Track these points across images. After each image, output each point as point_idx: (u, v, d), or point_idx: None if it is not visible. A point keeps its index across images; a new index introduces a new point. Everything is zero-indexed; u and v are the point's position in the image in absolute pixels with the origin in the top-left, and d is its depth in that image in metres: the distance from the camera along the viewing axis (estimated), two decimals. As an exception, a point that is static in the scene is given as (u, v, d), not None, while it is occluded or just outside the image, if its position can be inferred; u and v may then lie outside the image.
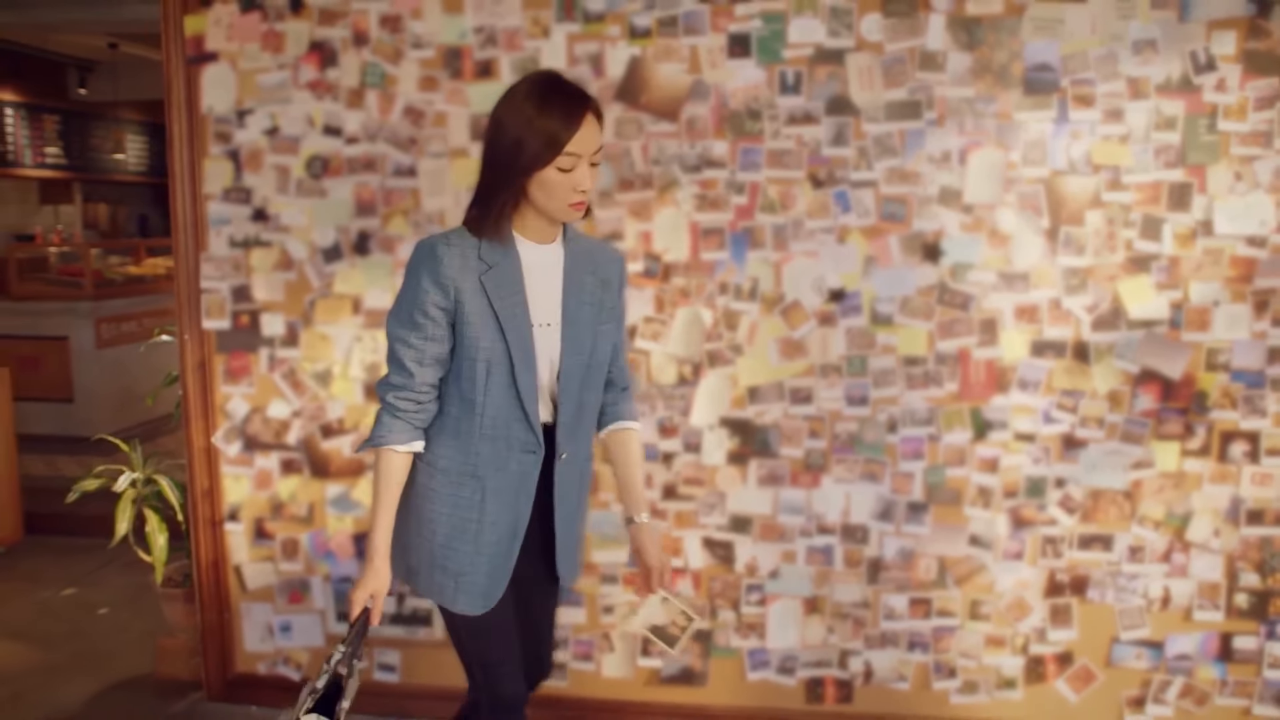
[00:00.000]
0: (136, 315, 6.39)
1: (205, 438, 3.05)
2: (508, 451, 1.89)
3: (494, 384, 1.85)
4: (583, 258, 1.96)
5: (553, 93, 1.79)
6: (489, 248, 1.85)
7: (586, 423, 2.01)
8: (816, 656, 2.93)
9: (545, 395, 1.91)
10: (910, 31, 2.70)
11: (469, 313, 1.83)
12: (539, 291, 1.89)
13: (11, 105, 8.37)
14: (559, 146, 1.75)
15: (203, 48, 2.92)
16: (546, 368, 1.90)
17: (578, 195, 1.80)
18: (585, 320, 1.92)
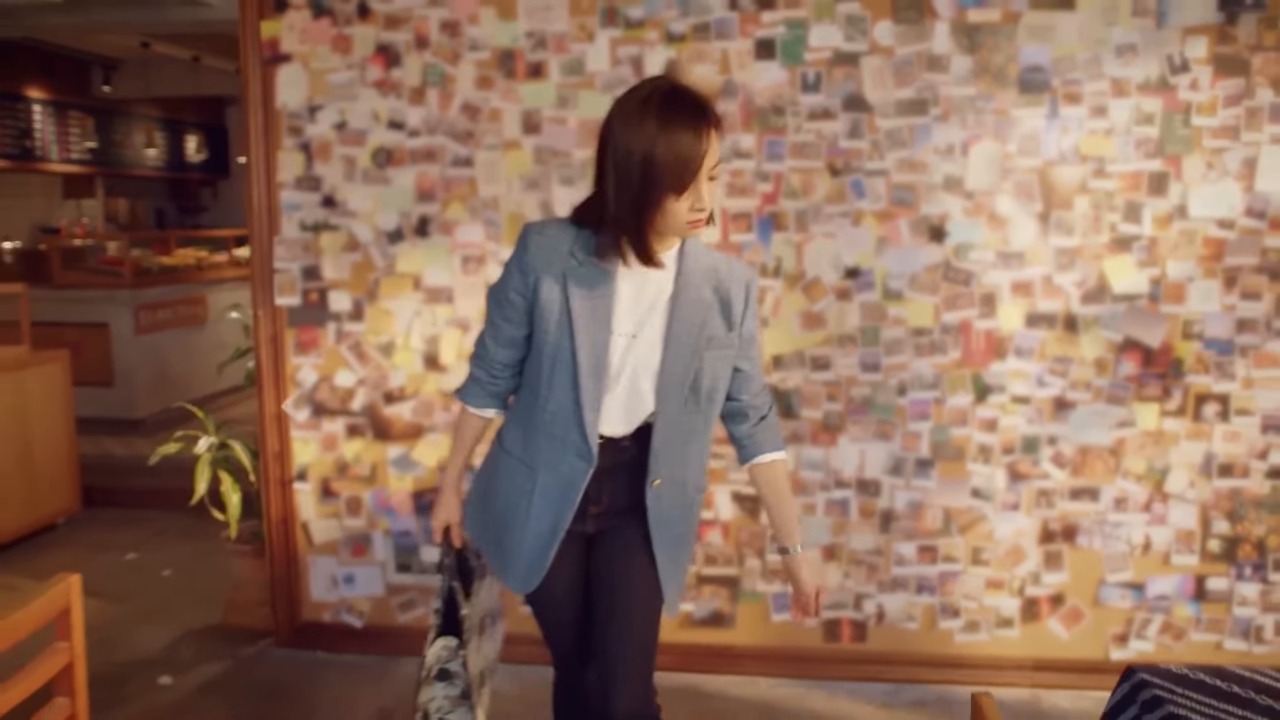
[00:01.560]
0: (171, 303, 6.68)
1: (276, 404, 3.36)
2: (562, 453, 1.84)
3: (557, 382, 1.81)
4: (700, 274, 1.83)
5: (676, 112, 1.65)
6: (584, 242, 1.78)
7: (694, 452, 1.92)
8: (834, 599, 3.25)
9: (622, 408, 1.83)
10: (918, 37, 3.02)
11: (543, 304, 1.80)
12: (632, 300, 1.80)
13: (40, 102, 8.64)
14: (690, 177, 1.65)
15: (278, 50, 3.22)
16: (627, 380, 1.82)
17: (698, 215, 1.70)
18: (687, 340, 1.80)
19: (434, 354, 3.27)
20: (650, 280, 1.81)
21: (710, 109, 1.69)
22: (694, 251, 1.84)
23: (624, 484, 1.90)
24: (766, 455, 2.00)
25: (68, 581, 1.80)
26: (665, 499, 1.90)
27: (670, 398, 1.82)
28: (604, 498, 1.91)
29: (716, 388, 1.88)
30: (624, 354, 1.80)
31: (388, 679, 3.30)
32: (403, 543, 3.38)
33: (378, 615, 3.43)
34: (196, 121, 11.09)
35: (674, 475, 1.90)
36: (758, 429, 1.98)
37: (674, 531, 1.94)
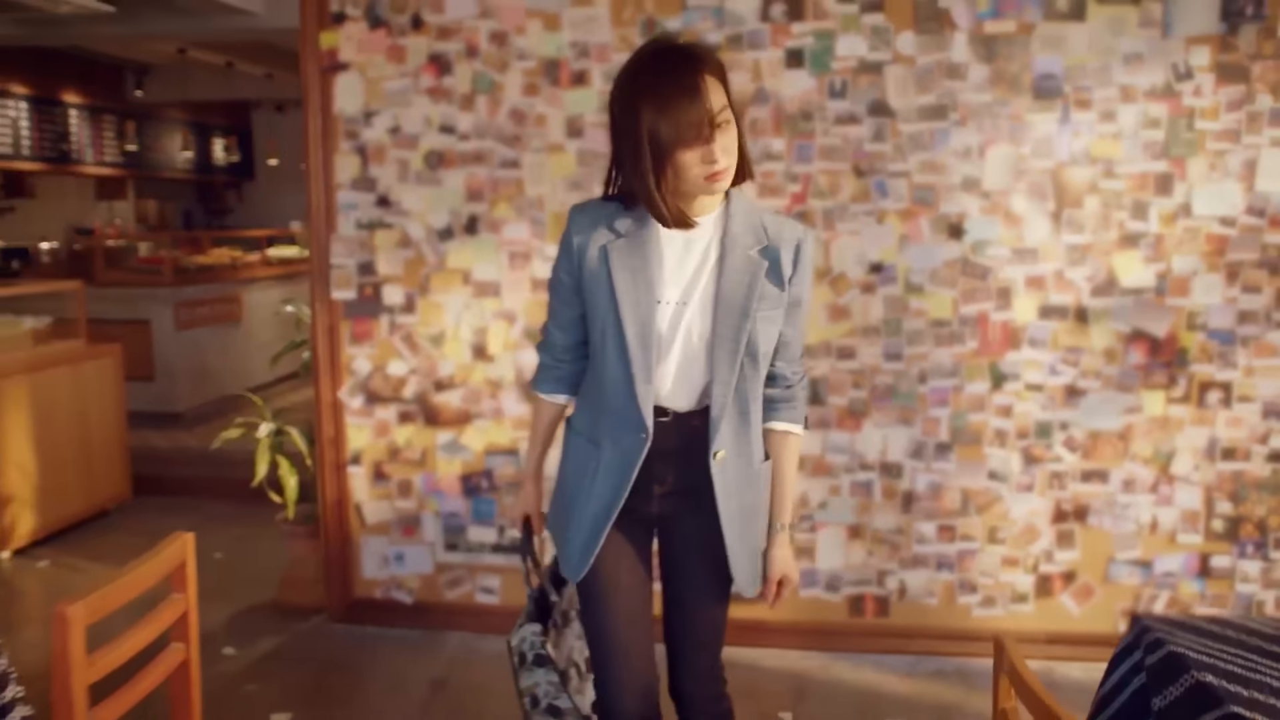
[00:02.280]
0: (209, 301, 6.91)
1: (332, 392, 3.57)
2: (623, 427, 1.82)
3: (609, 355, 1.80)
4: (747, 233, 1.80)
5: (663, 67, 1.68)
6: (626, 219, 1.80)
7: (754, 420, 1.87)
8: (858, 576, 3.44)
9: (680, 379, 1.82)
10: (938, 47, 3.22)
11: (587, 279, 1.81)
12: (676, 267, 1.79)
13: (75, 107, 8.89)
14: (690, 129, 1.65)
15: (336, 59, 3.44)
16: (680, 349, 1.80)
17: (710, 167, 1.68)
18: (738, 302, 1.76)
19: (482, 345, 3.48)
20: (695, 245, 1.79)
21: (699, 57, 1.68)
22: (741, 210, 1.81)
23: (690, 462, 1.84)
24: (779, 424, 1.93)
25: (183, 539, 2.01)
26: (730, 472, 1.85)
27: (724, 362, 1.77)
28: (669, 476, 1.87)
29: (768, 350, 1.83)
30: (673, 321, 1.78)
31: (437, 651, 3.50)
32: (451, 523, 3.58)
33: (426, 592, 3.64)
34: (223, 125, 11.34)
35: (737, 446, 1.84)
36: (779, 394, 1.91)
37: (742, 506, 1.87)
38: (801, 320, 1.90)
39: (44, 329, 4.77)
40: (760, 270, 1.78)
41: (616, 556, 1.92)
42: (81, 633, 1.67)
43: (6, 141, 8.11)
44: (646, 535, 1.98)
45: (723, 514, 1.85)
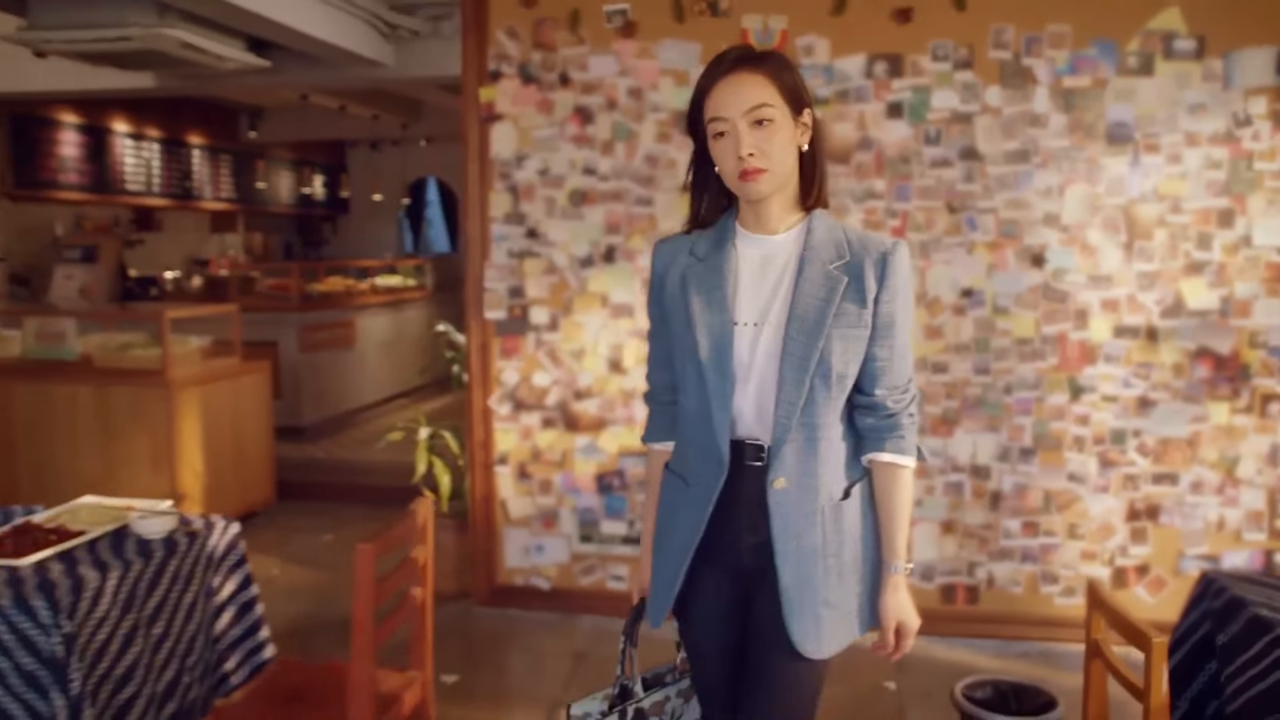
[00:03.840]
0: (329, 326, 7.51)
1: (483, 400, 4.08)
2: (703, 459, 1.74)
3: (689, 383, 1.75)
4: (827, 247, 1.70)
5: (710, 61, 1.71)
6: (703, 242, 1.77)
7: (827, 450, 1.72)
8: (950, 567, 3.86)
9: (761, 406, 1.72)
10: (1022, 99, 3.67)
11: (668, 307, 1.79)
12: (753, 287, 1.73)
13: (198, 147, 9.63)
14: (699, 110, 1.69)
15: (493, 111, 3.98)
16: (759, 375, 1.71)
17: (741, 163, 1.64)
18: (813, 320, 1.66)
19: (617, 359, 3.97)
20: (772, 264, 1.73)
21: (745, 53, 1.69)
22: (821, 226, 1.73)
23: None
24: (882, 455, 1.76)
25: (426, 501, 2.51)
26: (791, 504, 1.70)
27: (789, 381, 1.66)
28: (759, 525, 1.73)
29: (848, 372, 1.70)
30: (752, 346, 1.70)
31: (574, 630, 3.97)
32: (585, 517, 4.06)
33: (562, 579, 4.11)
34: (322, 162, 12.07)
35: (800, 476, 1.70)
36: (880, 423, 1.74)
37: (803, 546, 1.71)
38: (898, 341, 1.73)
39: (207, 347, 5.35)
40: (839, 285, 1.68)
41: (705, 618, 1.85)
42: (374, 562, 2.18)
43: (140, 180, 8.84)
44: (739, 591, 1.82)
45: (778, 552, 1.70)
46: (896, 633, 1.79)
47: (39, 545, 2.39)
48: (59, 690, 2.10)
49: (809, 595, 1.72)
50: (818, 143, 1.74)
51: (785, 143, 1.66)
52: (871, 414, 1.75)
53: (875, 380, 1.73)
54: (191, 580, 2.55)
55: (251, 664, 2.74)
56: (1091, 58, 3.63)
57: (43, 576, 2.23)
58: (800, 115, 1.69)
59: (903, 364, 1.76)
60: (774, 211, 1.73)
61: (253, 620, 2.77)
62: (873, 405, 1.75)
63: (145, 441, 4.87)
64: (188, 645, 2.52)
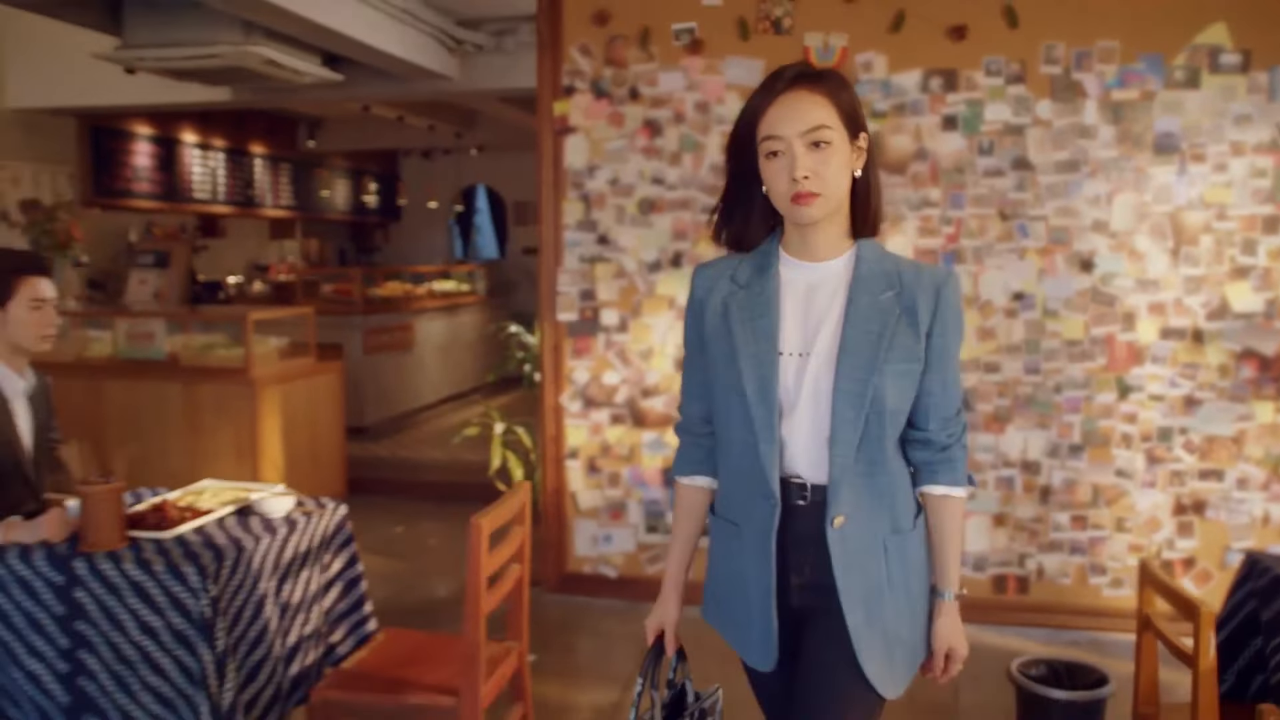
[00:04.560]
0: (390, 329, 7.79)
1: (555, 398, 4.31)
2: (753, 499, 1.67)
3: (733, 417, 1.68)
4: (877, 279, 1.66)
5: (766, 78, 1.64)
6: (746, 267, 1.71)
7: (886, 485, 1.68)
8: (1001, 558, 4.04)
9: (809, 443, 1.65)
10: (1072, 112, 3.85)
11: (708, 335, 1.71)
12: (799, 316, 1.67)
13: (259, 157, 9.97)
14: (753, 127, 1.62)
15: (566, 124, 4.21)
16: (806, 407, 1.64)
17: (795, 185, 1.57)
18: (865, 354, 1.61)
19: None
20: (819, 292, 1.67)
21: (803, 70, 1.62)
22: (872, 255, 1.68)
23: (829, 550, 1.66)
24: (937, 488, 1.74)
25: (524, 486, 2.73)
26: (852, 543, 1.65)
27: (845, 417, 1.61)
28: (806, 567, 1.69)
29: (901, 406, 1.66)
30: (797, 376, 1.64)
31: (640, 617, 4.10)
32: (651, 509, 4.28)
33: (629, 568, 4.33)
34: (375, 170, 12.39)
35: (860, 512, 1.65)
36: (936, 457, 1.73)
37: (868, 583, 1.66)
38: (951, 374, 1.71)
39: (284, 348, 5.63)
40: (891, 318, 1.63)
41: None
42: (486, 537, 2.40)
43: (206, 188, 9.17)
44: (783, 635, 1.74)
45: (842, 591, 1.65)
46: (946, 657, 1.77)
47: (174, 521, 2.64)
48: (206, 646, 2.35)
49: (879, 634, 1.68)
50: (872, 168, 1.68)
51: (841, 166, 1.61)
52: (925, 449, 1.73)
53: (928, 415, 1.71)
54: (308, 555, 2.79)
55: (357, 635, 2.98)
56: (1139, 72, 3.80)
57: (186, 547, 2.48)
58: (856, 139, 1.64)
59: (954, 394, 1.73)
60: (823, 238, 1.67)
61: (358, 595, 3.01)
62: (926, 440, 1.72)
63: (229, 436, 5.15)
64: (305, 614, 2.76)
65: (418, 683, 2.53)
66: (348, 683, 2.53)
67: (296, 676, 2.71)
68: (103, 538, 2.47)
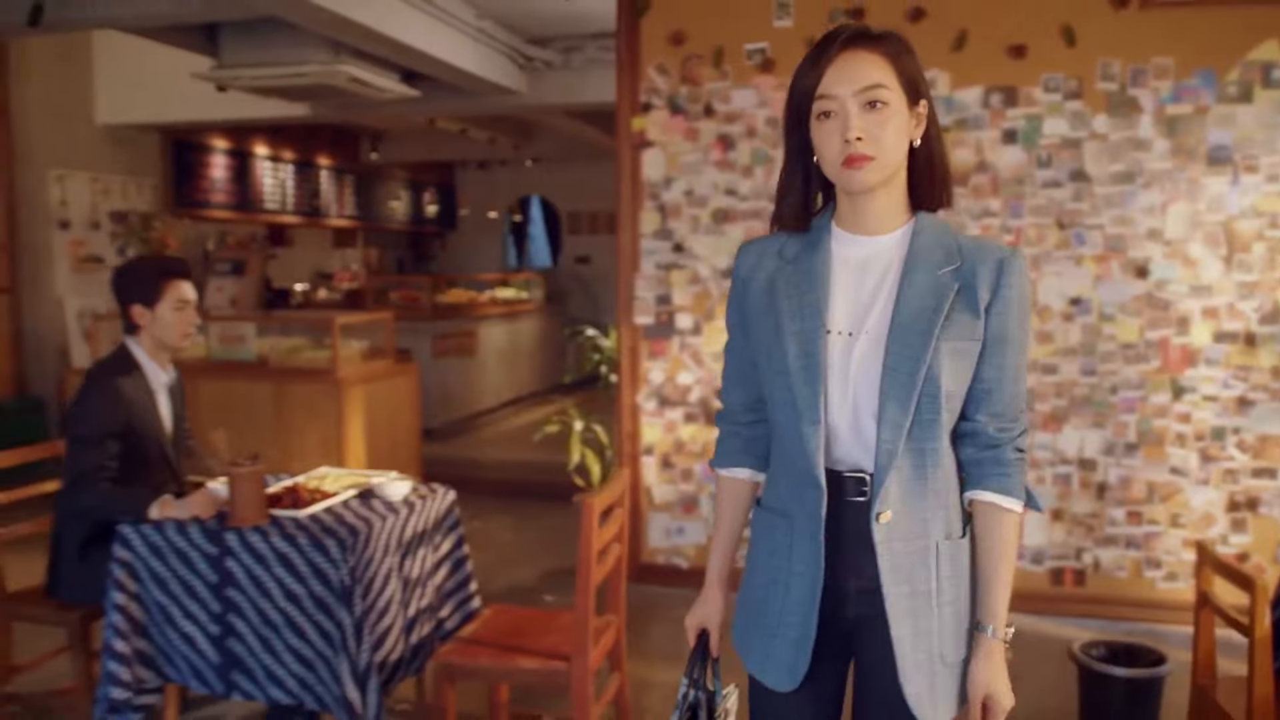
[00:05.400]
0: (455, 335, 8.09)
1: (632, 397, 4.56)
2: (799, 485, 1.55)
3: (778, 398, 1.56)
4: (934, 253, 1.52)
5: (821, 39, 1.52)
6: (794, 242, 1.60)
7: (940, 479, 1.53)
8: (1059, 552, 4.23)
9: (857, 427, 1.52)
10: (1127, 126, 4.05)
11: (750, 313, 1.62)
12: (850, 292, 1.54)
13: (325, 169, 10.34)
14: (808, 89, 1.50)
15: (644, 138, 4.47)
16: (848, 389, 1.51)
17: (848, 147, 1.45)
18: (918, 331, 1.48)
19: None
20: (871, 267, 1.54)
21: (858, 30, 1.51)
22: (930, 229, 1.55)
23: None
24: (985, 494, 1.54)
25: (624, 475, 2.98)
26: (899, 543, 1.51)
27: (894, 399, 1.47)
28: (866, 567, 1.53)
29: (958, 391, 1.51)
30: (844, 356, 1.51)
31: (711, 603, 4.41)
32: (721, 502, 4.50)
33: (700, 559, 4.56)
34: (432, 181, 12.76)
35: (909, 508, 1.51)
36: (984, 455, 1.54)
37: (915, 591, 1.52)
38: (1010, 362, 1.53)
39: (366, 350, 5.93)
40: (949, 293, 1.49)
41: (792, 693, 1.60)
42: (598, 513, 2.65)
43: (276, 199, 9.56)
44: (840, 646, 1.63)
45: (888, 597, 1.51)
46: (985, 707, 1.54)
47: (306, 502, 2.91)
48: (346, 611, 2.61)
49: (924, 651, 1.53)
50: (935, 139, 1.56)
51: (898, 131, 1.48)
52: (971, 443, 1.55)
53: (978, 404, 1.54)
54: (424, 536, 3.06)
55: (463, 612, 3.23)
56: (1193, 87, 3.99)
57: (321, 524, 2.75)
58: (916, 105, 1.52)
59: (1013, 389, 1.55)
60: (878, 209, 1.54)
61: (464, 575, 3.27)
62: (973, 432, 1.55)
63: (316, 432, 5.45)
64: (422, 589, 3.03)
65: (530, 649, 2.77)
66: (466, 649, 2.78)
67: (415, 646, 2.97)
68: (249, 514, 2.75)
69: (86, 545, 3.02)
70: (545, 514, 5.71)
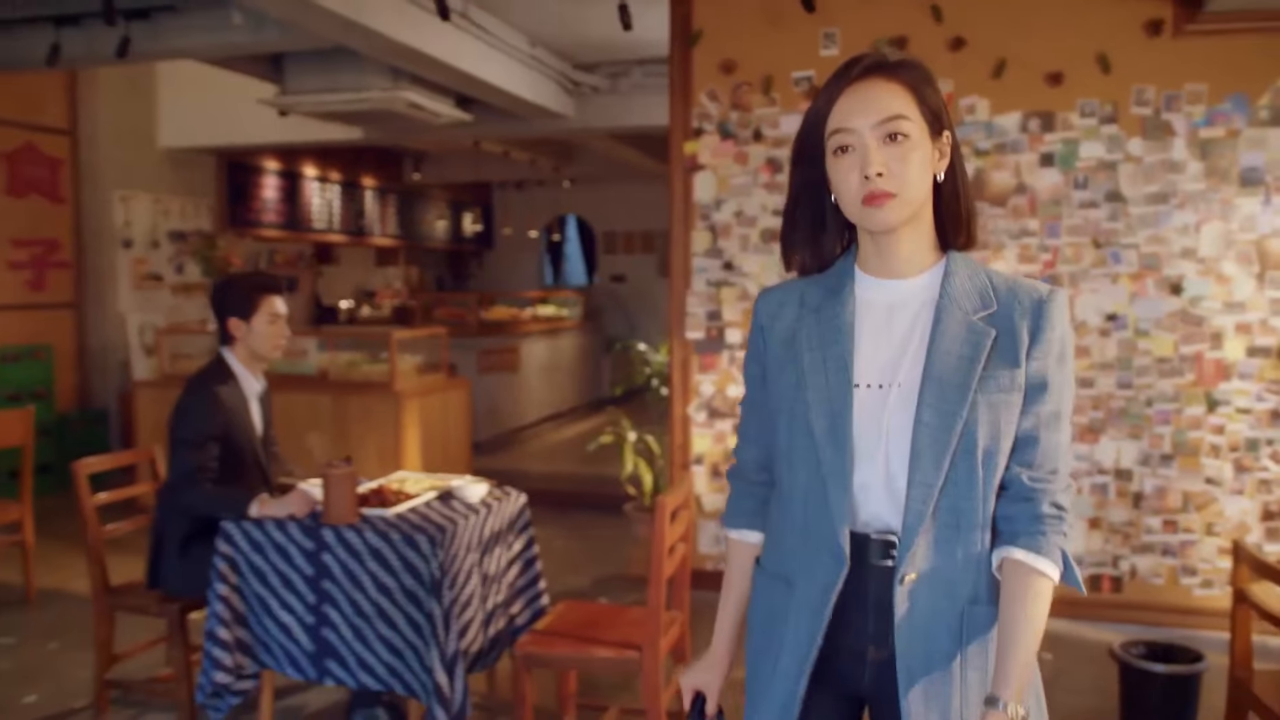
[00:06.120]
0: (499, 351, 8.32)
1: (683, 409, 4.76)
2: (816, 553, 1.45)
3: (798, 458, 1.46)
4: (969, 295, 1.44)
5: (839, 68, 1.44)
6: (815, 288, 1.51)
7: (970, 544, 1.42)
8: (1096, 559, 4.38)
9: (886, 488, 1.42)
10: (1161, 149, 4.22)
11: (770, 364, 1.53)
12: (878, 342, 1.45)
13: (369, 189, 10.63)
14: (822, 122, 1.42)
15: (695, 162, 4.68)
16: (878, 446, 1.42)
17: (868, 184, 1.37)
18: (954, 384, 1.39)
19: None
20: (900, 314, 1.46)
21: (877, 60, 1.42)
22: (962, 270, 1.46)
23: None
24: (1015, 551, 1.40)
25: (689, 475, 3.17)
26: (921, 606, 1.40)
27: (927, 456, 1.38)
28: (887, 636, 1.43)
29: (998, 448, 1.40)
30: (875, 412, 1.42)
31: (759, 607, 4.58)
32: (769, 510, 4.68)
33: (747, 564, 4.73)
34: (470, 201, 13.04)
35: (935, 572, 1.41)
36: (1016, 511, 1.41)
37: (932, 653, 1.40)
38: (1049, 409, 1.43)
39: (420, 365, 6.16)
40: (985, 340, 1.40)
41: None
42: (669, 512, 2.84)
43: (323, 218, 9.85)
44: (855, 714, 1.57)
45: (900, 663, 1.40)
46: None
47: (393, 502, 3.12)
48: (436, 602, 2.82)
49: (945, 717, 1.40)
50: (959, 173, 1.47)
51: (920, 165, 1.40)
52: (1004, 494, 1.43)
53: (1019, 453, 1.42)
54: (499, 535, 3.26)
55: (533, 609, 3.43)
56: (1225, 111, 4.16)
57: (409, 522, 2.96)
58: (939, 137, 1.44)
59: (1053, 439, 1.42)
60: (904, 250, 1.46)
61: (534, 573, 3.47)
62: (1006, 482, 1.43)
63: (374, 443, 5.68)
64: (498, 585, 3.23)
65: (603, 639, 2.97)
66: (544, 639, 2.98)
67: (492, 639, 3.17)
68: (343, 513, 2.96)
69: (187, 541, 3.25)
70: (594, 524, 5.90)
